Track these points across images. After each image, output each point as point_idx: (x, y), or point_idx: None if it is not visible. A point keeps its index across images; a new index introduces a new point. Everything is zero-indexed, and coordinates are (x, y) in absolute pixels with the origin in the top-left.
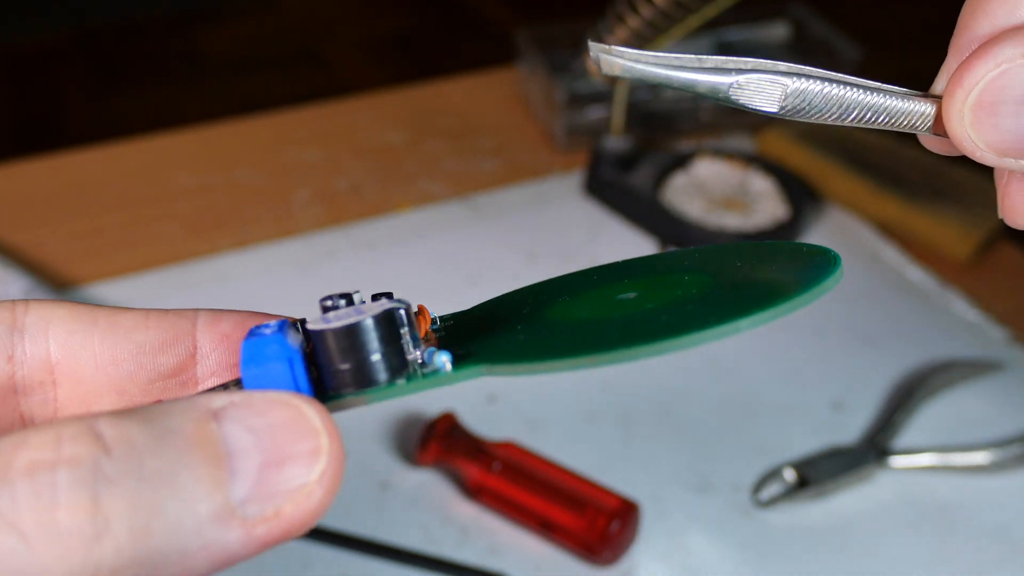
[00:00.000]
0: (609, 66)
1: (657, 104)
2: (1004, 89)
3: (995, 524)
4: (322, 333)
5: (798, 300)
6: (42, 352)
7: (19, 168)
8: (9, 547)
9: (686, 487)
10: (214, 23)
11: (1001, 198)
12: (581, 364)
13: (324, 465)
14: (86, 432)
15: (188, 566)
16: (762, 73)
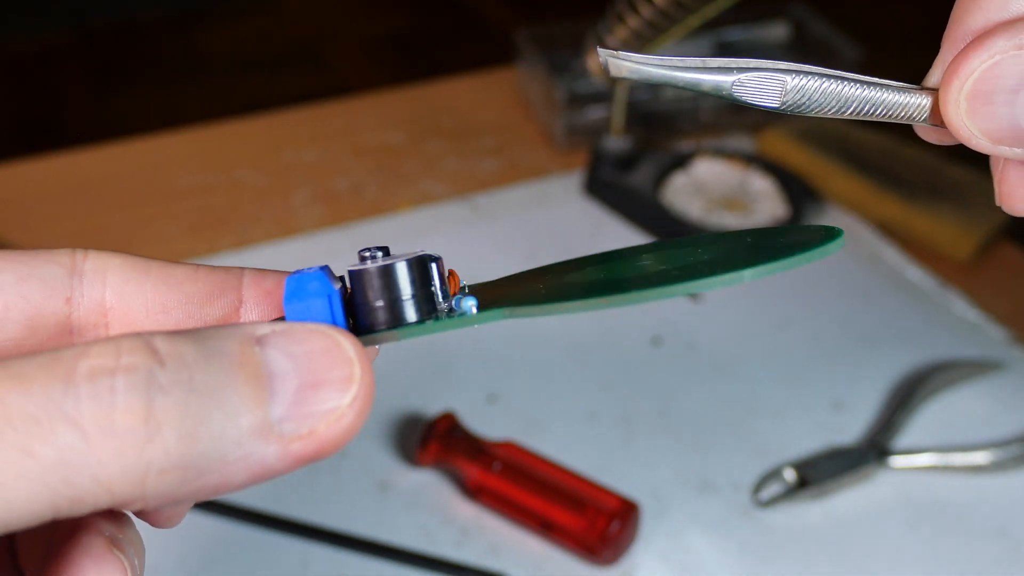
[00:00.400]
0: (617, 69)
1: (657, 104)
2: (998, 79)
3: (995, 524)
4: (361, 271)
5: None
6: (98, 296)
7: (19, 168)
8: (70, 443)
9: (686, 487)
10: (214, 23)
11: (998, 185)
12: (595, 305)
13: (356, 391)
14: (143, 345)
15: (227, 474)
16: (763, 71)
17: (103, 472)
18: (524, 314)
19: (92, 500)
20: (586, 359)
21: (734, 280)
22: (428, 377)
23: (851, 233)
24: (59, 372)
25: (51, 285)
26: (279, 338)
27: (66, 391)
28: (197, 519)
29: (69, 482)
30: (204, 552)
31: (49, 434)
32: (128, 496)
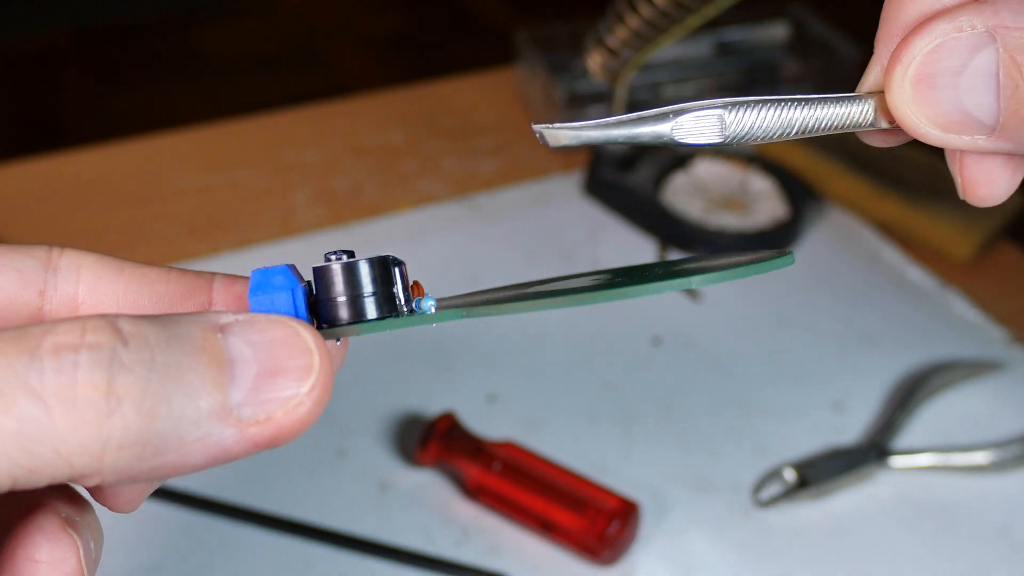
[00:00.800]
0: (555, 139)
1: (657, 104)
2: (940, 61)
3: (995, 524)
4: (325, 267)
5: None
6: (71, 291)
7: (19, 168)
8: (31, 414)
9: (686, 487)
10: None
11: (957, 175)
12: (547, 306)
13: (314, 380)
14: (108, 325)
15: (185, 454)
16: (698, 111)
17: (62, 444)
18: (481, 313)
19: (50, 471)
20: (586, 359)
21: (682, 286)
22: (428, 377)
23: (851, 233)
24: (25, 346)
25: (26, 277)
26: (241, 327)
27: (31, 364)
28: (198, 519)
29: (28, 452)
30: (204, 552)
31: (11, 404)
32: (86, 469)
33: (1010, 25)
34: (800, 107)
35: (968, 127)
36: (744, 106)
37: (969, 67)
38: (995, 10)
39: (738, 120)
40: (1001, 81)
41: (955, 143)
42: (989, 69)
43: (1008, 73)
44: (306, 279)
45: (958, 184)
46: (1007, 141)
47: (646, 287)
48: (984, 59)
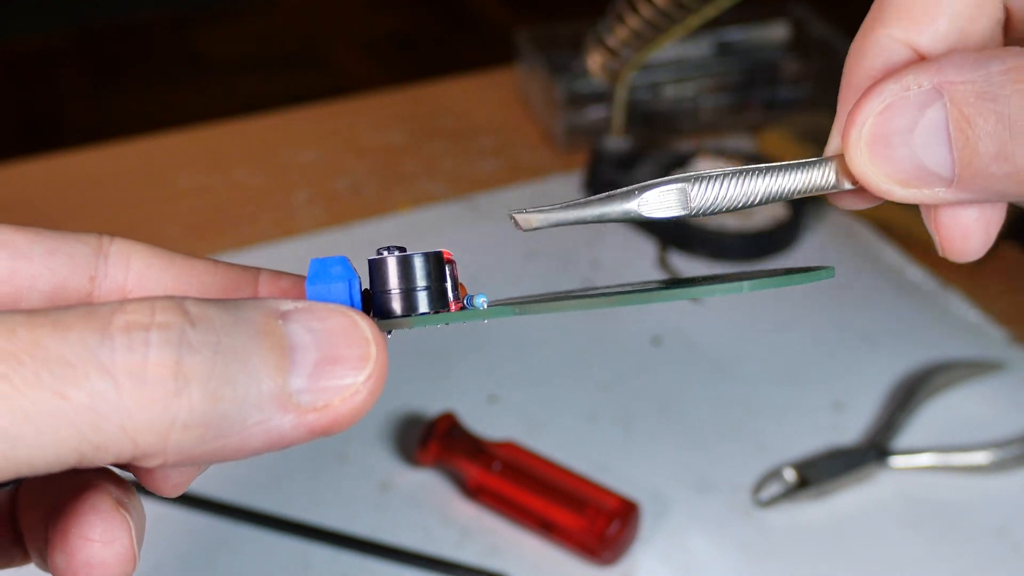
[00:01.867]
0: (527, 222)
1: (657, 104)
2: (892, 121)
3: (995, 524)
4: (381, 260)
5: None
6: (120, 278)
7: (19, 168)
8: (102, 390)
9: (686, 487)
10: (214, 23)
11: (934, 234)
12: (599, 304)
13: (371, 370)
14: (176, 306)
15: (245, 437)
16: (663, 186)
17: (130, 421)
18: (532, 311)
19: (116, 448)
20: (586, 359)
21: (733, 290)
22: (428, 377)
23: (851, 233)
24: (96, 323)
25: (77, 262)
26: (301, 314)
27: (102, 341)
28: (197, 519)
29: (97, 428)
30: (204, 552)
31: (83, 379)
32: (150, 448)
33: (954, 79)
34: (762, 176)
35: (927, 181)
36: (707, 180)
37: (920, 124)
38: (939, 67)
39: (702, 194)
40: (952, 134)
41: (917, 197)
42: (939, 124)
43: (958, 126)
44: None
45: (936, 242)
46: (966, 191)
47: (693, 290)
48: (933, 115)
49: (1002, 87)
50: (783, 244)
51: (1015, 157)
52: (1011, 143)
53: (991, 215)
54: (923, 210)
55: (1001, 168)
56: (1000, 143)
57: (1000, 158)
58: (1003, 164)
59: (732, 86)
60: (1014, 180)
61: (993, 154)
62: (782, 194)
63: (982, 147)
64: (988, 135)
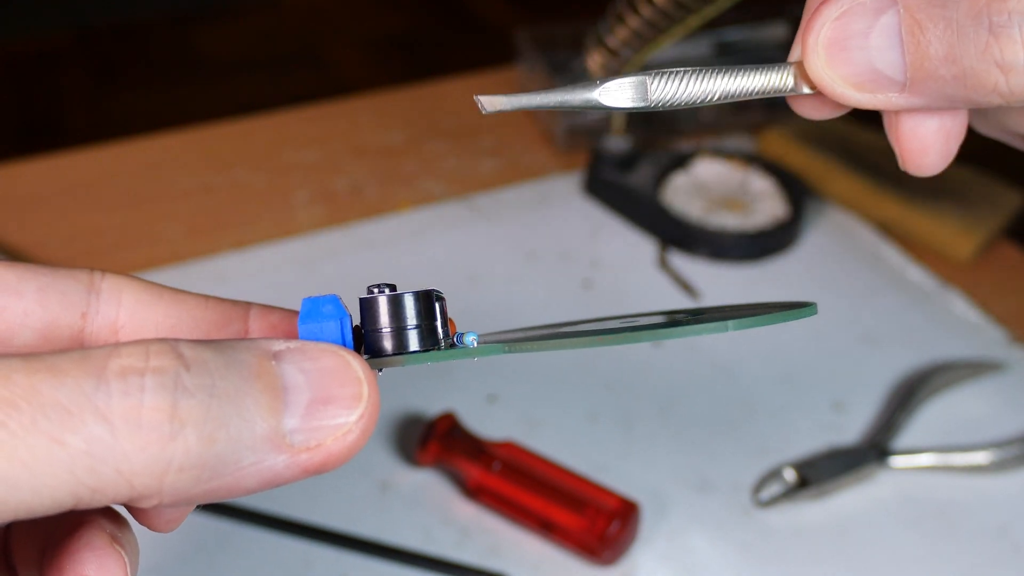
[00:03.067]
0: (492, 104)
1: None
2: (849, 25)
3: (995, 524)
4: (372, 299)
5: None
6: (112, 314)
7: (19, 168)
8: (98, 435)
9: (686, 487)
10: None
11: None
12: (589, 343)
13: (363, 409)
14: (170, 350)
15: (240, 477)
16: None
17: (127, 464)
18: (522, 349)
19: (113, 491)
20: (586, 359)
21: (718, 329)
22: (428, 377)
23: (851, 233)
24: (91, 368)
25: (69, 298)
26: (294, 354)
27: (98, 386)
28: (197, 519)
29: (94, 472)
30: (204, 552)
31: (79, 425)
32: (146, 491)
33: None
34: (722, 75)
35: (880, 85)
36: (667, 75)
37: (875, 28)
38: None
39: (661, 86)
40: (904, 38)
41: (870, 102)
42: (893, 28)
43: (909, 30)
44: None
45: (897, 155)
46: (917, 96)
47: (683, 329)
48: (888, 20)
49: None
50: (783, 244)
51: (961, 59)
52: (958, 46)
53: (951, 127)
54: (885, 122)
55: (949, 70)
56: (948, 45)
57: (948, 60)
58: (951, 66)
59: None
60: (961, 83)
61: (942, 57)
62: (740, 94)
63: (932, 50)
64: (937, 38)
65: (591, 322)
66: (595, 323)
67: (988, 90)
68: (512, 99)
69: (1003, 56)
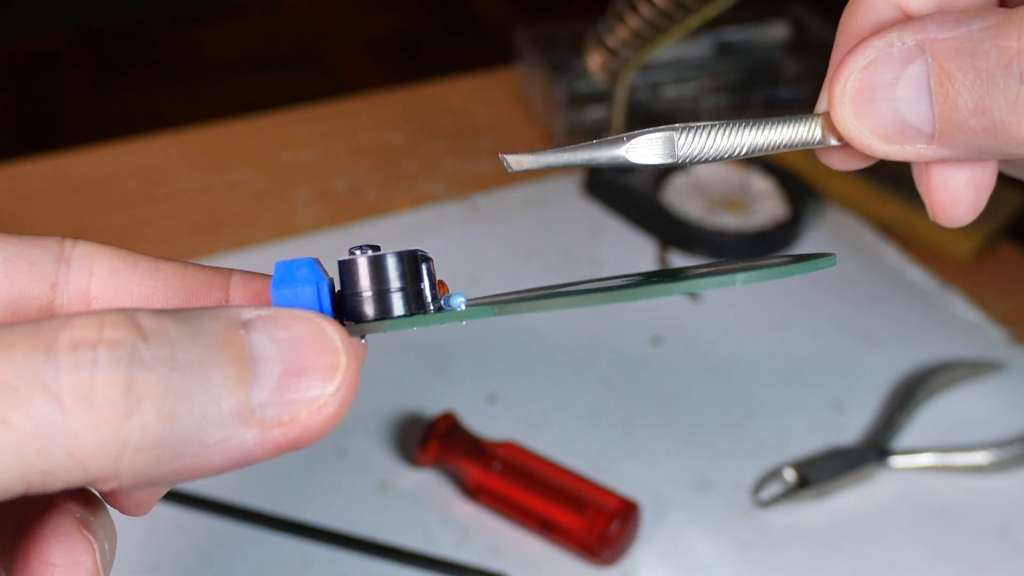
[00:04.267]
0: (518, 163)
1: (657, 104)
2: (876, 75)
3: (995, 524)
4: (351, 261)
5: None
6: (83, 284)
7: (19, 168)
8: (47, 414)
9: (686, 487)
10: (214, 23)
11: (925, 198)
12: (585, 302)
13: (340, 380)
14: (127, 320)
15: (205, 456)
16: (648, 134)
17: (78, 446)
18: (511, 311)
19: (65, 475)
20: (586, 359)
21: (725, 283)
22: (428, 377)
23: (851, 233)
24: (40, 342)
25: (38, 269)
26: (265, 322)
27: (46, 361)
28: (197, 519)
29: (43, 454)
30: (204, 552)
31: (26, 403)
32: (102, 473)
33: (936, 36)
34: (749, 129)
35: (908, 136)
36: (695, 129)
37: (903, 78)
38: (922, 25)
39: (689, 141)
40: (933, 89)
41: (898, 153)
42: (921, 79)
43: (938, 80)
44: (330, 274)
45: (928, 207)
46: (947, 147)
47: (682, 284)
48: (915, 70)
49: (981, 43)
50: (783, 244)
51: (992, 111)
52: (988, 97)
53: (981, 178)
54: (915, 173)
55: (979, 122)
56: (978, 97)
57: (978, 112)
58: (980, 118)
59: (732, 86)
60: (991, 134)
61: (971, 108)
62: (768, 147)
63: (961, 101)
64: (967, 89)
65: (581, 283)
66: (586, 284)
67: (1019, 142)
68: (538, 157)
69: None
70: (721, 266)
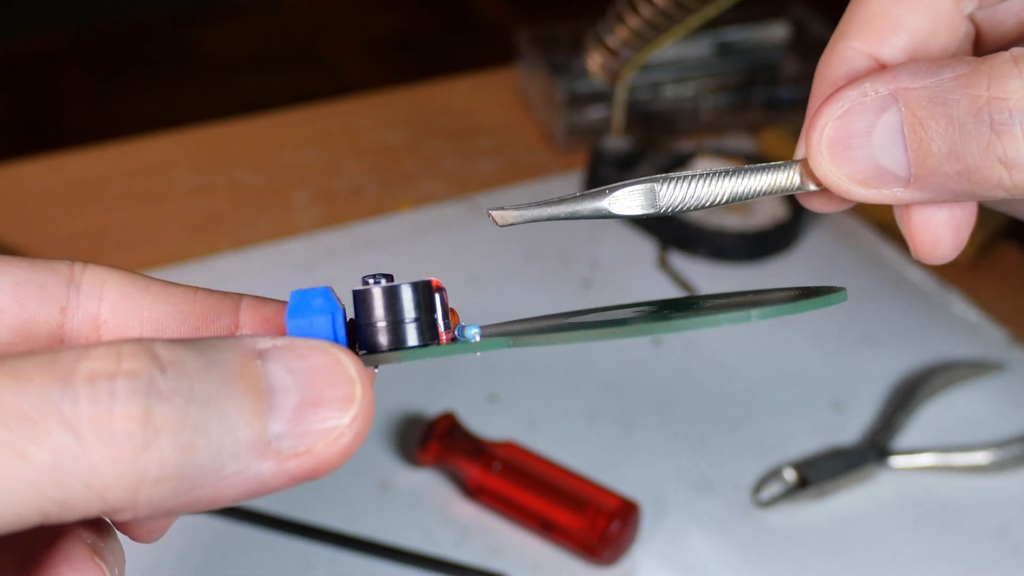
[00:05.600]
0: (503, 219)
1: (657, 104)
2: (850, 124)
3: (995, 524)
4: (367, 291)
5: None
6: (93, 309)
7: (19, 168)
8: (65, 446)
9: (686, 487)
10: (214, 23)
11: (908, 237)
12: (599, 336)
13: (356, 411)
14: (144, 351)
15: (222, 488)
16: (629, 186)
17: (96, 478)
18: (526, 343)
19: (83, 506)
20: (586, 359)
21: (741, 319)
22: (428, 377)
23: (851, 233)
24: (57, 372)
25: (48, 293)
26: (281, 352)
27: (64, 392)
28: (197, 519)
29: (61, 486)
30: (204, 552)
31: (44, 435)
32: (120, 504)
33: (909, 85)
34: (729, 178)
35: (885, 181)
36: (675, 180)
37: (877, 127)
38: (895, 74)
39: (670, 192)
40: (907, 136)
41: (877, 197)
42: (895, 126)
43: (912, 128)
44: (343, 303)
45: (910, 246)
46: (922, 190)
47: (697, 320)
48: (890, 118)
49: (952, 92)
50: (783, 244)
51: (965, 156)
52: (961, 143)
53: (961, 217)
54: (896, 213)
55: (952, 167)
56: (951, 143)
57: (952, 157)
58: (954, 163)
59: (732, 86)
60: (965, 178)
61: (945, 153)
62: (748, 194)
63: (935, 147)
64: (940, 136)
65: (592, 312)
66: (597, 313)
67: (992, 185)
68: (522, 212)
69: (1006, 153)
70: (732, 299)
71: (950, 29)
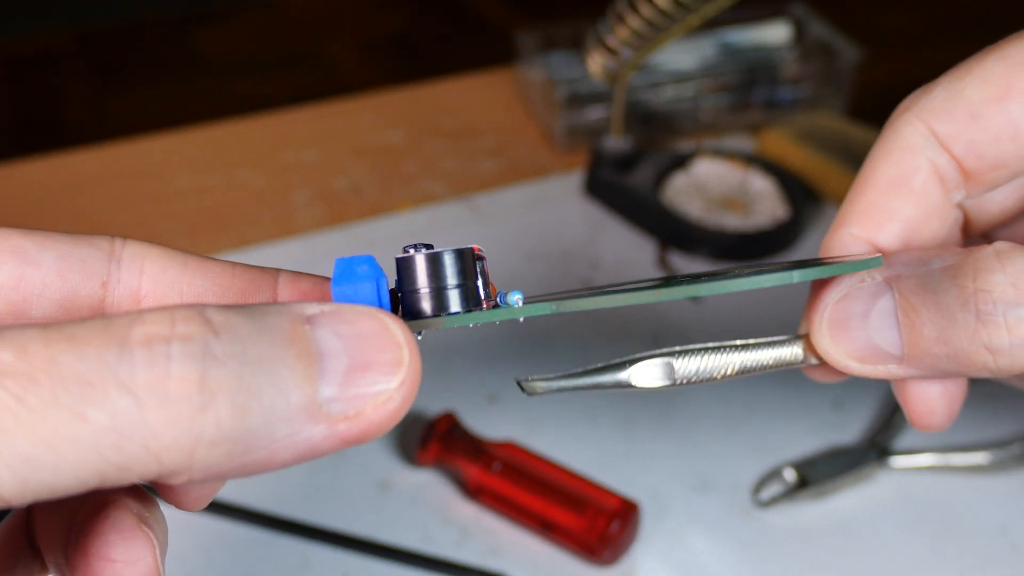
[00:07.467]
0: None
1: (657, 104)
2: (848, 307)
3: (995, 524)
4: (410, 258)
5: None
6: (134, 283)
7: (19, 168)
8: (123, 408)
9: (686, 487)
10: (214, 23)
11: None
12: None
13: (404, 375)
14: (197, 315)
15: (274, 451)
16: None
17: (154, 440)
18: (569, 308)
19: (140, 469)
20: (586, 359)
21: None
22: (428, 377)
23: None
24: (114, 336)
25: (89, 267)
26: (329, 317)
27: (120, 355)
28: (197, 519)
29: (119, 448)
30: (204, 552)
31: (102, 398)
32: (175, 467)
33: (902, 274)
34: (739, 352)
35: (880, 359)
36: (690, 354)
37: (873, 310)
38: (889, 263)
39: (685, 366)
40: (900, 319)
41: (872, 372)
42: (890, 310)
43: (905, 312)
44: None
45: (906, 416)
46: (914, 367)
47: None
48: (884, 303)
49: (941, 281)
50: (783, 244)
51: (953, 341)
52: (949, 329)
53: (953, 391)
54: (893, 386)
55: (942, 349)
56: (940, 329)
57: (941, 341)
58: (944, 347)
59: (732, 86)
60: (954, 360)
61: (935, 338)
62: (755, 367)
63: (926, 331)
64: (930, 321)
65: (636, 283)
66: (639, 283)
67: (978, 368)
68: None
69: (991, 341)
70: (770, 264)
71: (940, 217)
